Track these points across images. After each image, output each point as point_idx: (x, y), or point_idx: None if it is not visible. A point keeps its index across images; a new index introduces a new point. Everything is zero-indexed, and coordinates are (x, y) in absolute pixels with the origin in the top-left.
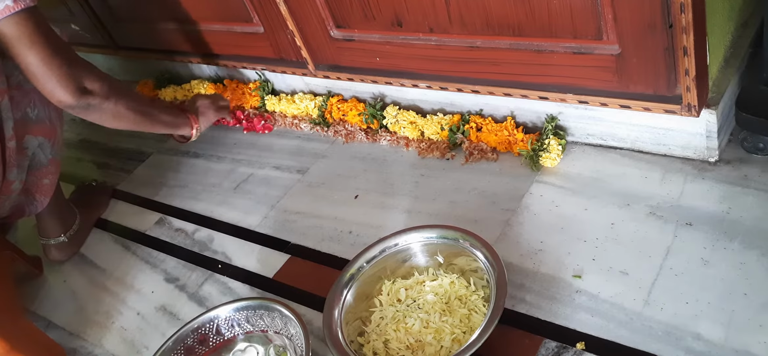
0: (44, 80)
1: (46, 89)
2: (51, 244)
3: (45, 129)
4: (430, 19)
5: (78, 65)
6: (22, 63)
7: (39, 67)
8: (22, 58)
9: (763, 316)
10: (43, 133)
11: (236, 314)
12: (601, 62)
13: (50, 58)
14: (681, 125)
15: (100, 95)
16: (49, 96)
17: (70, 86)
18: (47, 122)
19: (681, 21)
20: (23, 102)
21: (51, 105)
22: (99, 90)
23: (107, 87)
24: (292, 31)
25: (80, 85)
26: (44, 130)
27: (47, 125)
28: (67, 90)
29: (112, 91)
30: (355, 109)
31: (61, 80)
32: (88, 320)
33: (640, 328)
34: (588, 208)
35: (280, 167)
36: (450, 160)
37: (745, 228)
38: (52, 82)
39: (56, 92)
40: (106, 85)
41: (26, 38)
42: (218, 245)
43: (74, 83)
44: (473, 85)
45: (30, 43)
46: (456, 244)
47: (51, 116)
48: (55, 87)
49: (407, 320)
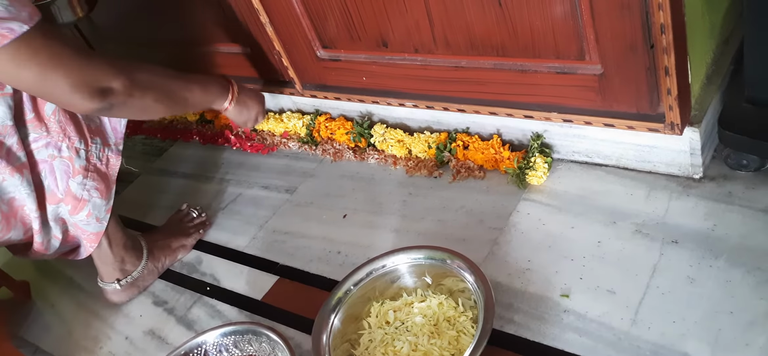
0: (52, 94)
1: (61, 101)
2: (102, 286)
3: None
4: (415, 39)
5: (91, 64)
6: (23, 87)
7: (40, 82)
8: (20, 83)
9: (749, 334)
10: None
11: (224, 339)
12: (584, 82)
13: (52, 70)
14: (665, 143)
15: (122, 93)
16: (66, 107)
17: (85, 91)
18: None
19: (662, 41)
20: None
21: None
22: (120, 87)
23: (129, 82)
24: (279, 52)
25: (98, 87)
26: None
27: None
28: (83, 95)
29: (134, 85)
30: (342, 127)
31: (72, 87)
32: (76, 345)
33: (627, 348)
34: (575, 226)
35: (268, 187)
36: (437, 178)
37: (730, 245)
38: (62, 91)
39: (73, 101)
40: (127, 80)
41: (16, 62)
42: (207, 266)
43: (89, 86)
44: (459, 104)
45: (23, 65)
46: (443, 265)
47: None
48: (70, 96)
49: (396, 343)
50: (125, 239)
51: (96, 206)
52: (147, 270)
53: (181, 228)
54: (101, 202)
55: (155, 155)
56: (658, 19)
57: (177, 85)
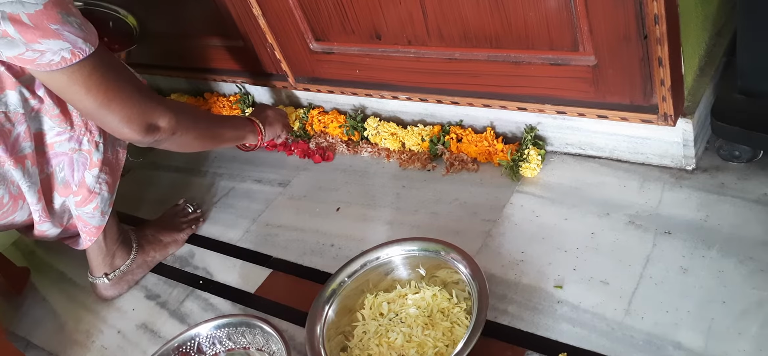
0: (106, 122)
1: (111, 129)
2: (91, 281)
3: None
4: (408, 31)
5: (143, 102)
6: (79, 108)
7: (97, 111)
8: (78, 104)
9: (741, 324)
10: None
11: (217, 331)
12: (578, 73)
13: (110, 102)
14: (658, 134)
15: (167, 131)
16: (116, 135)
17: (135, 125)
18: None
19: (655, 32)
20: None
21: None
22: (166, 126)
23: (174, 122)
24: (272, 45)
25: (147, 123)
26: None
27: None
28: (133, 129)
29: (179, 125)
30: (335, 121)
31: (124, 121)
32: (68, 339)
33: (621, 338)
34: (568, 217)
35: (261, 181)
36: (431, 171)
37: (723, 236)
38: (115, 122)
39: (123, 131)
40: (173, 120)
41: (80, 85)
42: (199, 260)
43: (140, 122)
44: (453, 97)
45: (85, 89)
46: (437, 256)
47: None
48: (121, 127)
49: (390, 334)
50: (119, 233)
51: (103, 200)
52: (136, 264)
53: (174, 223)
54: (108, 196)
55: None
56: (652, 10)
57: (213, 127)
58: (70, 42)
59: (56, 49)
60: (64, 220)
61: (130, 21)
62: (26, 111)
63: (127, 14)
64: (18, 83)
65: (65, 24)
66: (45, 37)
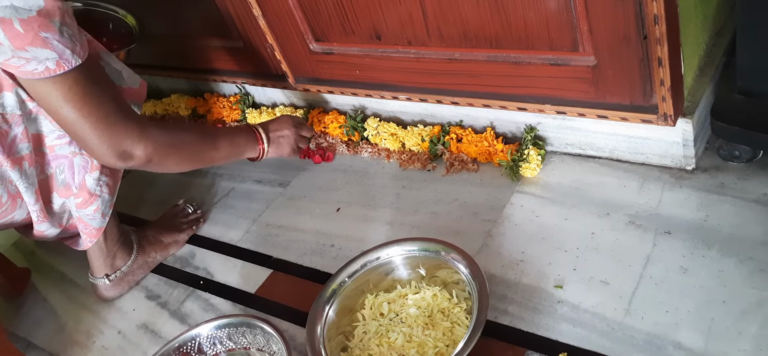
0: (79, 140)
1: (84, 148)
2: (92, 282)
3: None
4: (408, 32)
5: (119, 126)
6: (56, 121)
7: (71, 126)
8: (54, 116)
9: (741, 324)
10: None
11: (218, 331)
12: (577, 73)
13: (84, 120)
14: (658, 134)
15: (142, 159)
16: (90, 154)
17: (105, 147)
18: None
19: (655, 32)
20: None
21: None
22: (141, 154)
23: (150, 150)
24: (272, 45)
25: (119, 150)
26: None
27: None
28: (104, 151)
29: (156, 153)
30: (336, 121)
31: (95, 141)
32: (68, 339)
33: (621, 338)
34: (568, 217)
35: (261, 181)
36: (431, 171)
37: (723, 236)
38: (86, 141)
39: (95, 152)
40: (149, 147)
41: (59, 97)
42: (200, 260)
43: (111, 145)
44: (452, 97)
45: (63, 102)
46: (437, 256)
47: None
48: (93, 147)
49: (390, 334)
50: (119, 234)
51: (104, 202)
52: (136, 265)
53: (174, 224)
54: (108, 198)
55: None
56: (652, 10)
57: (203, 146)
58: (57, 52)
59: (42, 58)
60: (64, 220)
61: (130, 20)
62: (23, 113)
63: (126, 14)
64: (15, 85)
65: (56, 33)
66: (33, 44)
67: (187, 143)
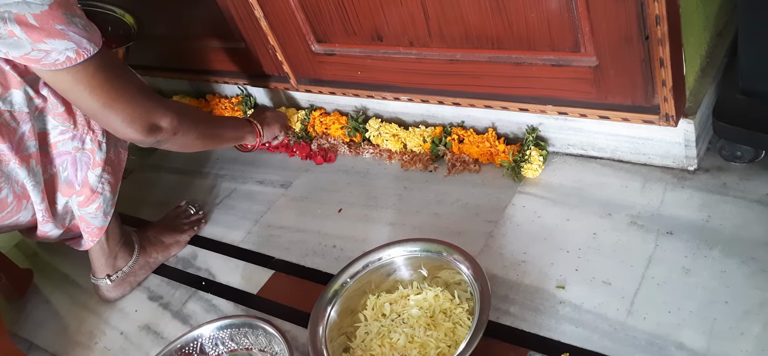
0: (109, 122)
1: (114, 129)
2: (94, 282)
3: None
4: (409, 33)
5: (145, 103)
6: (83, 108)
7: (100, 110)
8: (81, 104)
9: (744, 324)
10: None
11: (220, 332)
12: (579, 74)
13: (113, 102)
14: (660, 135)
15: (170, 131)
16: (119, 135)
17: (137, 125)
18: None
19: (657, 33)
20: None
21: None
22: (168, 126)
23: (176, 122)
24: (274, 47)
25: (150, 123)
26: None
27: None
28: (135, 129)
29: (181, 125)
30: (337, 122)
31: (127, 121)
32: (70, 341)
33: (623, 338)
34: (570, 218)
35: (263, 182)
36: (433, 172)
37: (725, 236)
38: (118, 122)
39: (126, 132)
40: (175, 120)
41: (84, 85)
42: (202, 261)
43: (142, 122)
44: (454, 98)
45: (89, 89)
46: (439, 257)
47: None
48: (124, 127)
49: (392, 335)
50: (121, 234)
51: (106, 200)
52: (138, 266)
53: (176, 224)
54: (110, 197)
55: (149, 150)
56: (653, 10)
57: (213, 127)
58: (74, 42)
59: (61, 48)
60: (67, 221)
61: (128, 20)
62: (31, 110)
63: (124, 13)
64: (23, 82)
65: (70, 24)
66: (50, 37)
67: (203, 120)
